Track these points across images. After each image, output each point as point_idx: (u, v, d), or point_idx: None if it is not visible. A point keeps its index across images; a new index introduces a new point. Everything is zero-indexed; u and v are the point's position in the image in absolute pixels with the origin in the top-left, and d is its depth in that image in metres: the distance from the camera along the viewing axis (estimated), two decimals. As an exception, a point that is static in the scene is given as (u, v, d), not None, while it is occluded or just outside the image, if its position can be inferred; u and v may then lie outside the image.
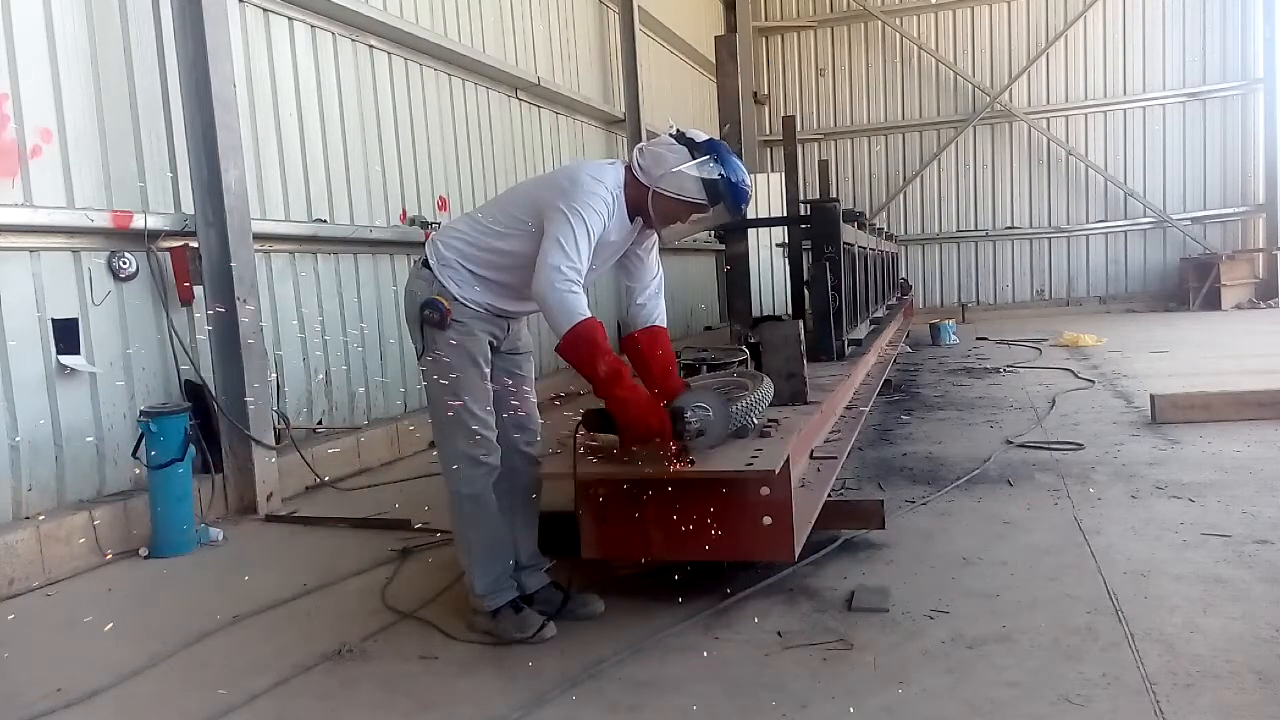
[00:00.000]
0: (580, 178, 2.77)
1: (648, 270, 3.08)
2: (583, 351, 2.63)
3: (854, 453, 5.02)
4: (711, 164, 2.76)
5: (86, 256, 4.39)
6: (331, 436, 5.83)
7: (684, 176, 2.77)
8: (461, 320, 2.86)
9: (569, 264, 2.62)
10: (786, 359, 4.06)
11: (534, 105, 9.10)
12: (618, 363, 2.66)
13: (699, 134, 2.86)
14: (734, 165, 2.78)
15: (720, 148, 2.82)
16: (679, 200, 2.81)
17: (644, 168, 2.83)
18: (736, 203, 2.81)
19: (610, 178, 2.82)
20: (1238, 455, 4.81)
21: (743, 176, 2.80)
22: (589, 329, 2.60)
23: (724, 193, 2.78)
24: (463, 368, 2.87)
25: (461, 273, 2.88)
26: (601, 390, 2.66)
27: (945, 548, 3.63)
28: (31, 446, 4.11)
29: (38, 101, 4.19)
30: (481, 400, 2.92)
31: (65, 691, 2.75)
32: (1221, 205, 14.91)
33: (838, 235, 5.70)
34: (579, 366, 2.68)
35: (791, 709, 2.40)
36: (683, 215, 2.87)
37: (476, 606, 3.00)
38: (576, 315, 2.60)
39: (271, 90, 5.66)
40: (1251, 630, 2.68)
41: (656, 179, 2.79)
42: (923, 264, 16.32)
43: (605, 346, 2.64)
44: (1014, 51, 15.65)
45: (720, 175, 2.75)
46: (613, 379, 2.63)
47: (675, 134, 2.86)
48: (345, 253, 6.22)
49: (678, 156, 2.79)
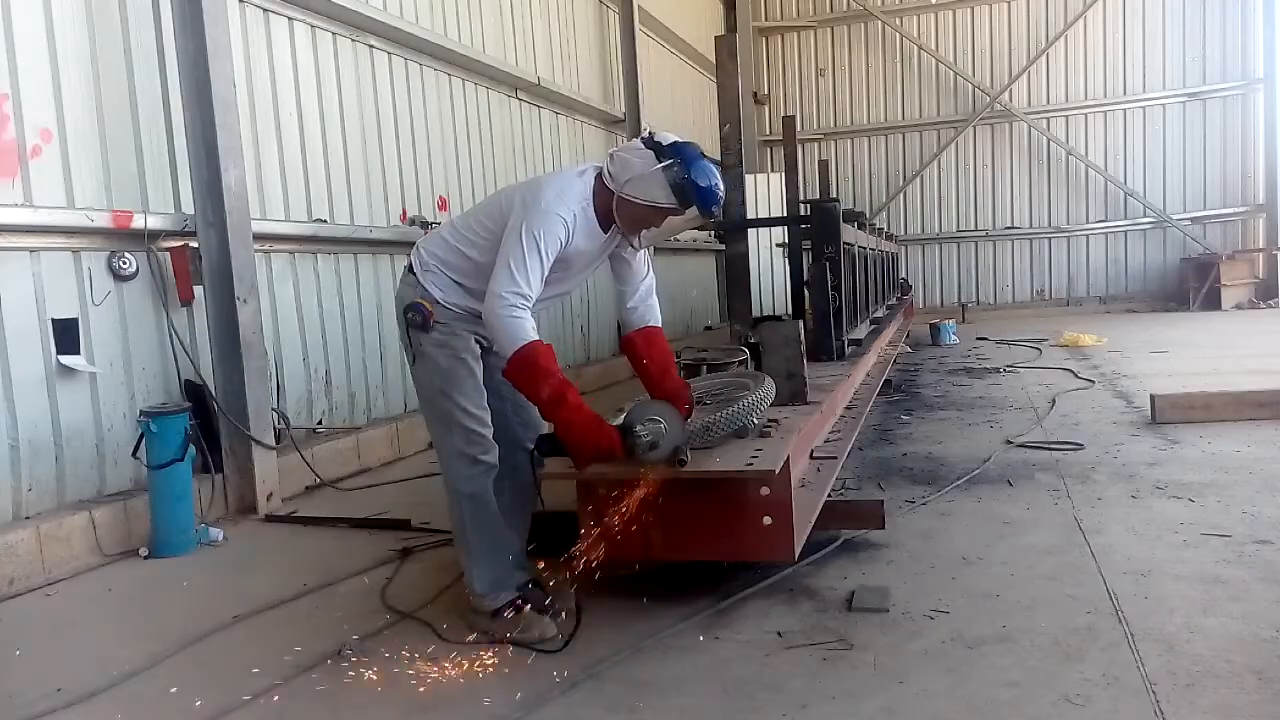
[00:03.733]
0: (541, 196, 2.76)
1: (636, 274, 3.10)
2: (526, 375, 2.65)
3: (854, 453, 5.02)
4: (677, 168, 2.73)
5: (86, 256, 4.39)
6: (331, 436, 5.83)
7: (651, 182, 2.76)
8: (444, 322, 2.91)
9: (514, 289, 2.64)
10: (786, 359, 4.06)
11: (534, 105, 9.10)
12: (562, 385, 2.65)
13: (668, 136, 2.85)
14: (701, 168, 2.76)
15: (686, 150, 2.79)
16: (648, 206, 2.81)
17: (613, 175, 2.83)
18: (705, 205, 2.79)
19: (576, 192, 2.81)
20: (1238, 455, 4.81)
21: (712, 179, 2.78)
22: (531, 353, 2.62)
23: (692, 195, 2.76)
24: (451, 367, 2.91)
25: (442, 278, 2.93)
26: (546, 414, 2.68)
27: (945, 548, 3.63)
28: (31, 446, 4.11)
29: (38, 101, 4.19)
30: (474, 398, 2.94)
31: (65, 691, 2.75)
32: (1221, 205, 14.90)
33: (838, 235, 5.70)
34: (524, 390, 2.72)
35: (791, 709, 2.40)
36: (654, 220, 2.88)
37: (477, 606, 3.00)
38: (520, 339, 2.62)
39: (271, 90, 5.66)
40: (1251, 630, 2.68)
41: (622, 185, 2.79)
42: (923, 264, 16.32)
43: (549, 369, 2.64)
44: (1014, 51, 15.64)
45: (687, 178, 2.73)
46: (556, 402, 2.64)
47: (644, 138, 2.85)
48: (345, 253, 6.22)
49: (644, 162, 2.77)
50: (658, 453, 2.75)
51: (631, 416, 2.78)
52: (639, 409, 2.85)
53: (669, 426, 2.77)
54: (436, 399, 2.95)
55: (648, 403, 2.98)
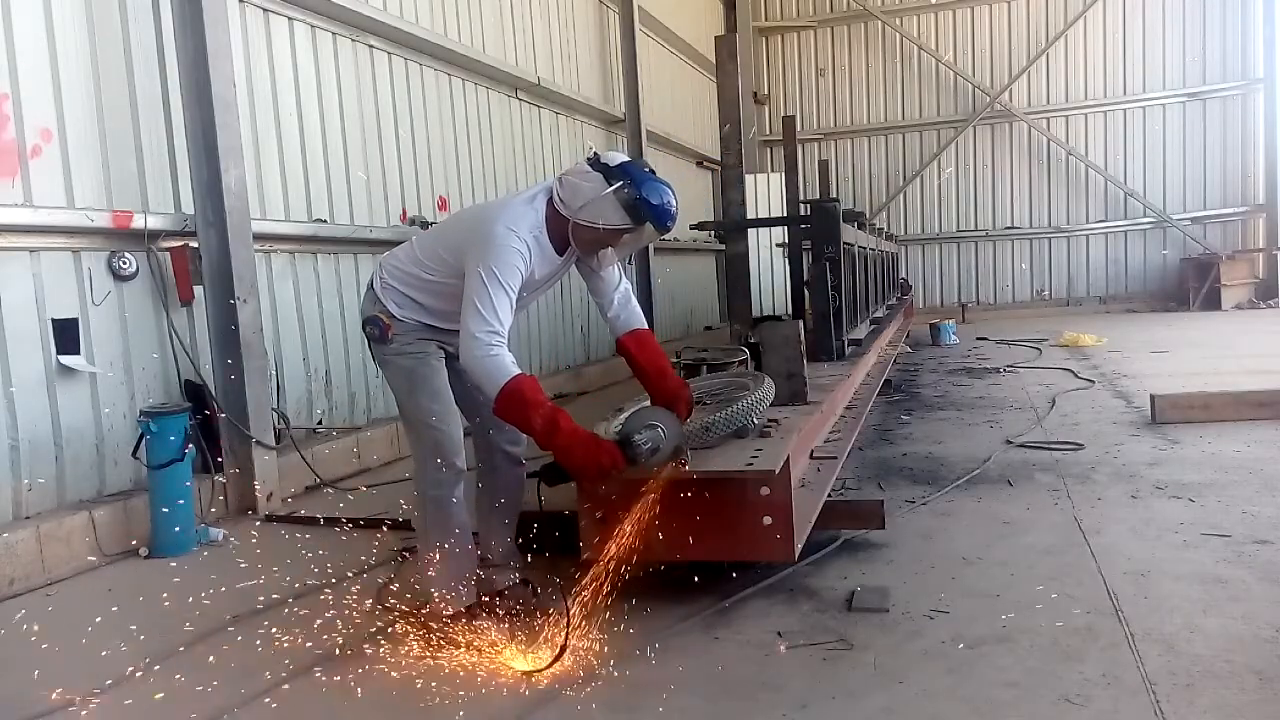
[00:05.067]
0: (494, 233, 2.76)
1: (609, 284, 3.13)
2: (515, 411, 2.66)
3: (854, 453, 5.02)
4: (628, 188, 2.74)
5: (86, 256, 4.39)
6: (331, 436, 5.83)
7: (602, 204, 2.76)
8: (402, 333, 2.99)
9: (486, 328, 2.66)
10: (786, 359, 4.06)
11: (534, 105, 9.10)
12: (553, 412, 2.66)
13: (615, 156, 2.86)
14: (652, 186, 2.76)
15: (634, 170, 2.79)
16: (603, 228, 2.81)
17: (564, 200, 2.83)
18: (660, 221, 2.80)
19: (527, 223, 2.82)
20: (1238, 455, 4.81)
21: (664, 197, 2.78)
22: (517, 388, 2.63)
23: (645, 214, 2.76)
24: (413, 367, 3.00)
25: (399, 295, 3.00)
26: (543, 444, 2.68)
27: (945, 548, 3.63)
28: (31, 446, 4.11)
29: (38, 101, 4.19)
30: (441, 400, 3.00)
31: (65, 691, 2.75)
32: (1221, 205, 14.91)
33: (838, 235, 5.70)
34: (517, 424, 2.76)
35: (791, 709, 2.40)
36: (610, 240, 2.89)
37: (433, 608, 3.04)
38: (502, 377, 2.63)
39: (271, 90, 5.66)
40: (1251, 630, 2.68)
41: (576, 211, 2.80)
42: (923, 264, 16.32)
43: (536, 399, 2.65)
44: (1014, 51, 15.65)
45: (640, 197, 2.73)
46: (550, 430, 2.64)
47: (591, 159, 2.85)
48: (345, 253, 6.22)
49: (594, 185, 2.77)
50: (659, 456, 2.76)
51: (627, 427, 2.80)
52: (633, 418, 2.88)
53: (666, 429, 2.78)
54: (405, 402, 3.04)
55: (639, 410, 3.01)
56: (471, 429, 3.21)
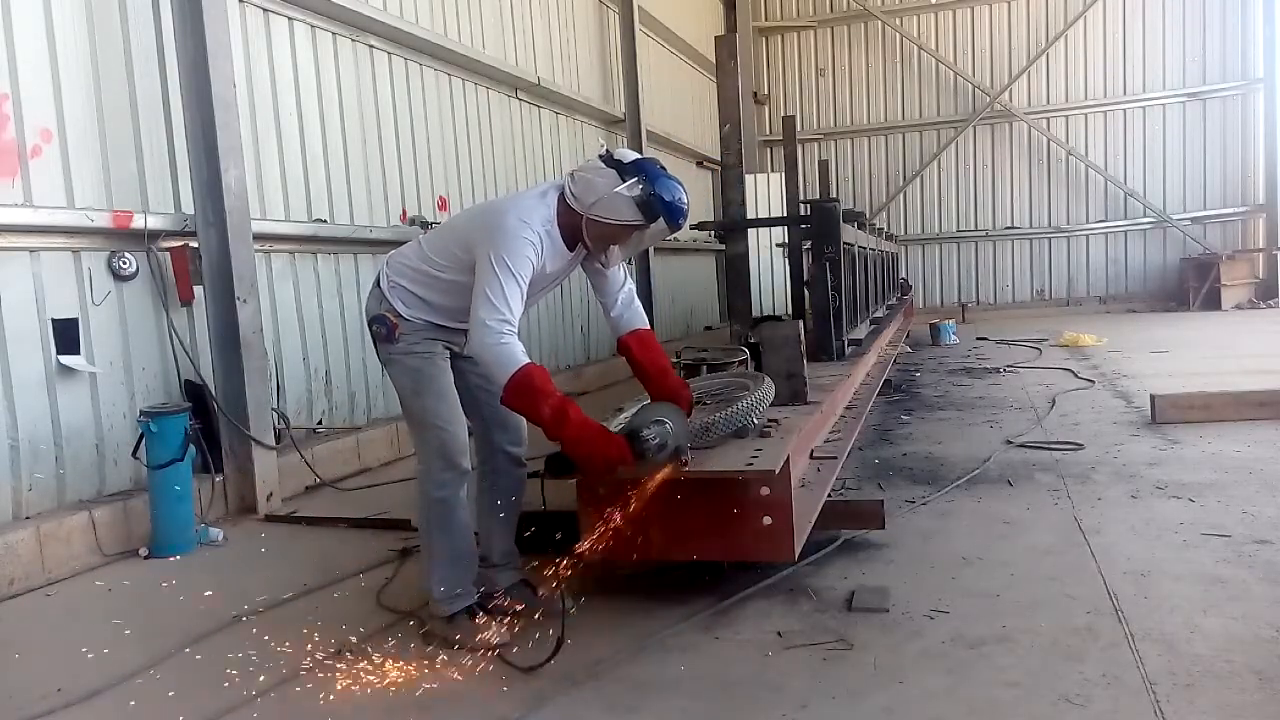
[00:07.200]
0: (506, 224, 2.77)
1: (614, 284, 3.12)
2: (525, 399, 2.66)
3: (854, 453, 5.02)
4: (643, 185, 2.74)
5: (86, 256, 4.39)
6: (331, 436, 5.83)
7: (616, 200, 2.76)
8: (409, 333, 2.97)
9: (498, 316, 2.65)
10: (786, 359, 4.06)
11: (534, 105, 9.10)
12: (562, 402, 2.65)
13: (628, 154, 2.87)
14: (665, 183, 2.77)
15: (648, 166, 2.80)
16: (616, 224, 2.82)
17: (577, 196, 2.83)
18: (673, 219, 2.80)
19: (539, 216, 2.82)
20: (1238, 455, 4.81)
21: (676, 193, 2.79)
22: (526, 376, 2.62)
23: (659, 211, 2.77)
24: (420, 367, 2.97)
25: (407, 294, 2.98)
26: (551, 435, 2.67)
27: (945, 548, 3.63)
28: (31, 446, 4.10)
29: (38, 101, 4.19)
30: (446, 399, 2.99)
31: (65, 691, 2.75)
32: (1221, 205, 14.90)
33: (838, 235, 5.70)
34: (525, 413, 2.75)
35: (791, 709, 2.40)
36: (621, 237, 2.88)
37: (433, 609, 3.03)
38: (513, 365, 2.62)
39: (271, 90, 5.66)
40: (1251, 630, 2.68)
41: (589, 206, 2.79)
42: (923, 264, 16.32)
43: (546, 389, 2.64)
44: (1014, 51, 15.65)
45: (654, 194, 2.74)
46: (559, 420, 2.63)
47: (604, 155, 2.86)
48: (345, 253, 6.22)
49: (608, 181, 2.77)
50: (666, 453, 2.76)
51: (635, 421, 2.79)
52: (641, 413, 2.87)
53: (674, 426, 2.78)
54: (410, 403, 3.02)
55: (648, 405, 2.99)
56: (473, 429, 3.21)
